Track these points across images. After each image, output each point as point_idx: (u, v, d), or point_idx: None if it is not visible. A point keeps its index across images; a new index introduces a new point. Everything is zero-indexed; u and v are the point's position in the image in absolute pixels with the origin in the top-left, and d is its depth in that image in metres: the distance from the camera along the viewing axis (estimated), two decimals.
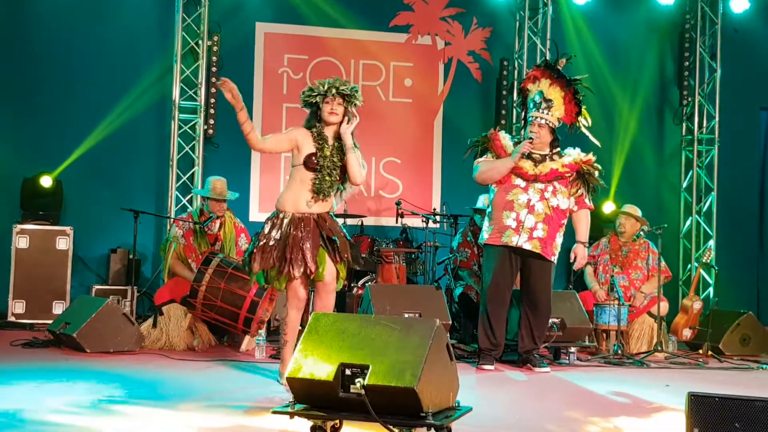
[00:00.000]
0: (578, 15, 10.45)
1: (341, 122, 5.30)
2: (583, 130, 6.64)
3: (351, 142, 5.25)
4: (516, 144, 6.58)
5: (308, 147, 5.25)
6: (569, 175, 6.54)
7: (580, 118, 6.60)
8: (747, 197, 10.74)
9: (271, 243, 5.21)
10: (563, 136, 6.73)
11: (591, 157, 6.62)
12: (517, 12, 10.43)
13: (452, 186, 10.03)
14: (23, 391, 4.99)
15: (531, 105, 6.61)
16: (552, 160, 6.52)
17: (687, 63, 10.68)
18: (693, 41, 10.66)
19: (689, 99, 10.66)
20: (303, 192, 5.26)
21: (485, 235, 6.58)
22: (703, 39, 10.63)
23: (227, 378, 5.79)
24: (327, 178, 5.23)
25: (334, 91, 5.24)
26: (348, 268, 5.47)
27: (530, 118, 6.55)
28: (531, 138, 6.46)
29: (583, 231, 6.67)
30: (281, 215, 5.28)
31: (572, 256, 6.66)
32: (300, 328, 7.54)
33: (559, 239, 6.55)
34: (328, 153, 5.26)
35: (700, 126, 10.62)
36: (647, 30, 10.78)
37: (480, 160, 6.61)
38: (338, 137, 5.30)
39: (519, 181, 6.47)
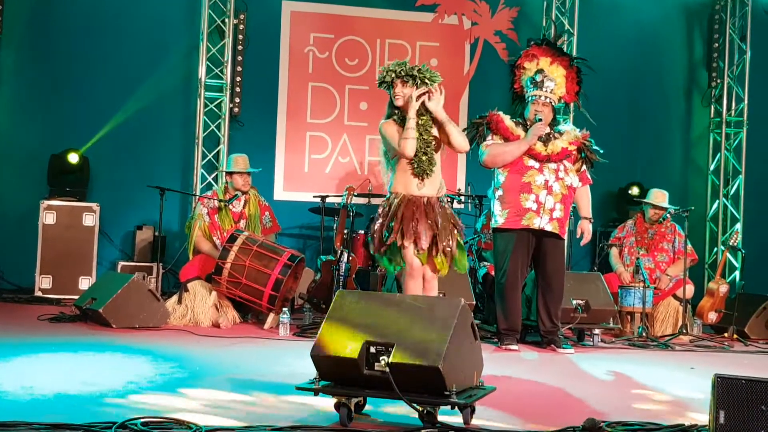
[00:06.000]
0: None
1: (420, 100, 5.47)
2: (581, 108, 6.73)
3: (444, 115, 5.50)
4: (517, 124, 6.52)
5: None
6: (574, 152, 6.54)
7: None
8: None
9: (381, 221, 5.51)
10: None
11: (586, 132, 6.63)
12: None
13: (477, 167, 9.91)
14: (51, 365, 5.05)
15: (529, 83, 6.54)
16: (555, 138, 6.49)
17: (716, 45, 10.57)
18: (723, 23, 10.54)
19: (718, 81, 10.56)
20: (410, 177, 5.51)
21: (500, 220, 6.51)
22: (733, 21, 10.50)
23: (252, 355, 5.83)
24: (423, 157, 5.47)
25: (393, 76, 5.49)
26: (450, 257, 5.65)
27: (532, 98, 6.50)
28: (540, 119, 6.42)
29: (586, 206, 6.70)
30: (392, 197, 5.55)
31: (578, 232, 6.64)
32: (324, 306, 7.62)
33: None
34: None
35: (729, 108, 10.52)
36: (676, 11, 10.67)
37: (488, 143, 6.52)
38: (422, 113, 5.50)
39: (532, 162, 6.42)
